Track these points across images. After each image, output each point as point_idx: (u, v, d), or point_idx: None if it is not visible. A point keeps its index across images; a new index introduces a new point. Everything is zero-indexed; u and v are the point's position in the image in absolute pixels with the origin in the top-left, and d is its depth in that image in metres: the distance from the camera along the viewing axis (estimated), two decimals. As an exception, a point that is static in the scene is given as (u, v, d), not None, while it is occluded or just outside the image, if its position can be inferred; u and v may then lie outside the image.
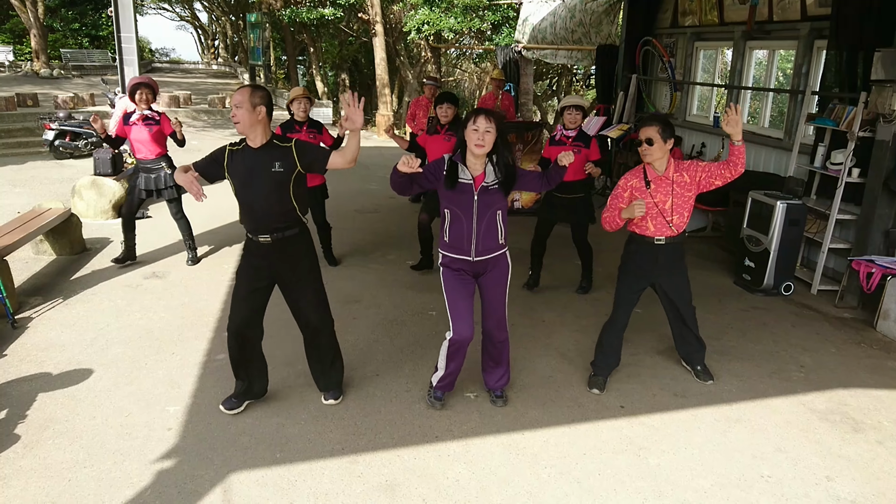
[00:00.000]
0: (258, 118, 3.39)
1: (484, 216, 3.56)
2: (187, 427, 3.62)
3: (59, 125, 11.19)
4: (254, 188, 3.46)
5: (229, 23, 37.25)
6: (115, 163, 8.33)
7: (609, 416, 3.88)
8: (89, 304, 5.27)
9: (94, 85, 19.23)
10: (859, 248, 5.72)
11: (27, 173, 10.19)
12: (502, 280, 3.73)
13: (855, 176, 5.80)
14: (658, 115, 3.96)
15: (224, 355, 4.47)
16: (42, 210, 6.26)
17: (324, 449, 3.47)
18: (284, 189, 3.46)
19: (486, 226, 3.58)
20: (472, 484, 3.24)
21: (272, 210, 3.47)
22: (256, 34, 22.13)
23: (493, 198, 3.56)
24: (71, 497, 3.04)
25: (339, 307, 5.34)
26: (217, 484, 3.17)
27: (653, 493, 3.23)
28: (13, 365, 4.24)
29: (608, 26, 11.59)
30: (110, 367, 4.25)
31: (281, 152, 3.43)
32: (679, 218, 3.94)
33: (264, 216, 3.48)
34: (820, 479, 3.38)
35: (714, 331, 5.14)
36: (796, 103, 7.04)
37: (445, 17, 14.96)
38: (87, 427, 3.59)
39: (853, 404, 4.13)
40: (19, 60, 24.59)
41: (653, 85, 10.07)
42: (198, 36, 48.70)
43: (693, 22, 8.82)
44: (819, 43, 6.85)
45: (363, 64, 25.47)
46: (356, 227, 7.81)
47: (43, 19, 23.40)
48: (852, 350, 4.95)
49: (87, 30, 28.42)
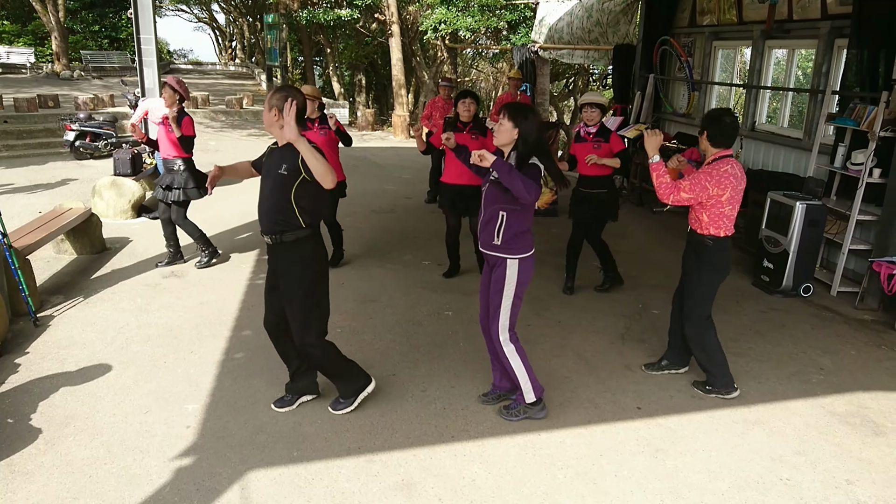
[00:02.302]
0: (273, 119, 3.42)
1: (487, 208, 3.60)
2: (206, 425, 3.66)
3: (80, 126, 11.32)
4: (262, 187, 3.56)
5: (246, 24, 37.53)
6: (135, 163, 8.43)
7: (625, 418, 3.87)
8: (109, 302, 5.34)
9: (114, 86, 19.46)
10: (880, 250, 5.65)
11: (48, 173, 10.33)
12: (497, 285, 3.61)
13: (876, 176, 5.73)
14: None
15: (242, 354, 4.52)
16: (63, 210, 6.35)
17: (340, 448, 3.49)
18: (285, 192, 3.43)
19: (486, 219, 3.60)
20: (488, 484, 3.24)
21: (271, 211, 3.49)
22: (273, 35, 22.25)
23: (497, 193, 3.54)
24: (92, 493, 3.08)
25: (355, 307, 5.38)
26: (235, 481, 3.20)
27: (670, 494, 3.21)
28: (35, 362, 4.30)
29: (625, 26, 11.53)
30: (130, 365, 4.30)
31: (292, 155, 3.39)
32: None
33: (264, 216, 3.54)
34: (840, 482, 3.35)
35: (732, 332, 5.10)
36: (816, 103, 6.97)
37: (462, 16, 14.96)
38: (108, 424, 3.63)
39: (874, 407, 4.08)
40: (40, 62, 24.92)
41: (670, 85, 10.01)
42: (215, 37, 49.12)
43: (711, 21, 8.76)
44: (840, 42, 6.77)
45: (379, 65, 25.54)
46: (373, 226, 7.84)
47: (64, 21, 23.71)
48: (873, 352, 4.89)
49: (106, 32, 28.75)
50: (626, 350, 4.78)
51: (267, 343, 4.66)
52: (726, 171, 3.82)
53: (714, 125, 3.85)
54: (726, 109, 4.04)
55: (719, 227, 3.91)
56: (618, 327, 5.16)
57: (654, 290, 6.00)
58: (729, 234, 3.95)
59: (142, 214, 7.96)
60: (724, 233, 3.93)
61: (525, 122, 3.50)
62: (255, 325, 4.97)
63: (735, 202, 3.88)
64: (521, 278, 3.62)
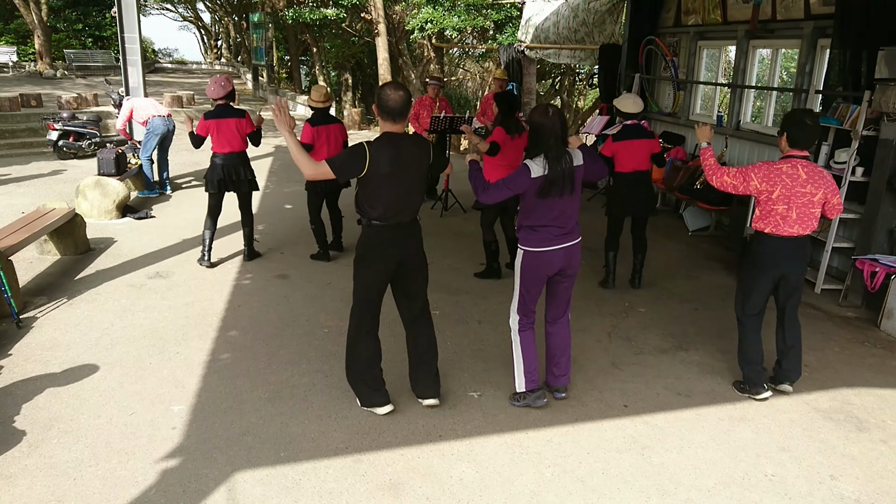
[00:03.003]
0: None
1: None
2: (192, 426, 3.63)
3: (63, 125, 11.20)
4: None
5: (232, 23, 37.33)
6: (119, 163, 8.35)
7: (612, 416, 3.88)
8: (94, 303, 5.29)
9: (98, 85, 19.29)
10: (863, 247, 5.71)
11: (31, 173, 10.21)
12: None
13: (859, 175, 5.79)
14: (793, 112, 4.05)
15: (228, 354, 4.49)
16: (46, 210, 6.28)
17: (328, 448, 3.48)
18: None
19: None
20: (476, 483, 3.25)
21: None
22: (259, 34, 22.18)
23: None
24: (76, 496, 3.06)
25: (343, 306, 5.35)
26: (222, 483, 3.18)
27: (656, 491, 3.23)
28: (18, 364, 4.25)
29: (611, 25, 11.57)
30: (115, 367, 4.27)
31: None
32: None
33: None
34: (824, 477, 3.38)
35: (718, 330, 5.14)
36: (800, 102, 7.02)
37: (448, 15, 14.96)
38: (92, 426, 3.60)
39: (857, 403, 4.13)
40: (23, 61, 24.68)
41: (656, 84, 10.06)
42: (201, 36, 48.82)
43: (696, 21, 8.81)
44: (823, 41, 6.83)
45: (366, 64, 25.48)
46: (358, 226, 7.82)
47: (47, 20, 23.47)
48: (856, 349, 4.94)
49: (90, 30, 28.52)
50: (613, 348, 4.80)
51: (253, 344, 4.66)
52: (780, 169, 3.83)
53: (795, 127, 3.85)
54: (807, 110, 4.07)
55: (767, 223, 3.92)
56: (604, 325, 5.18)
57: (639, 288, 6.03)
58: (776, 232, 3.90)
59: (126, 215, 7.90)
60: (769, 230, 3.91)
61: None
62: (242, 326, 4.95)
63: (791, 203, 3.83)
64: (524, 270, 3.78)
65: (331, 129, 6.23)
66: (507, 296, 5.61)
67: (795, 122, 3.86)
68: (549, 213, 3.65)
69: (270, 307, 5.32)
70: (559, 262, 3.74)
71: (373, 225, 3.58)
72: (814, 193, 3.83)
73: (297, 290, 5.70)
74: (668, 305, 5.64)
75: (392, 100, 3.41)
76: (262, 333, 4.82)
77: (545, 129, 3.57)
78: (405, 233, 3.63)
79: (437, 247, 6.92)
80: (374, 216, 3.55)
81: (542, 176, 3.56)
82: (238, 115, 6.08)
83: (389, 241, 3.59)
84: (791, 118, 3.91)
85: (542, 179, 3.56)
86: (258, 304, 5.36)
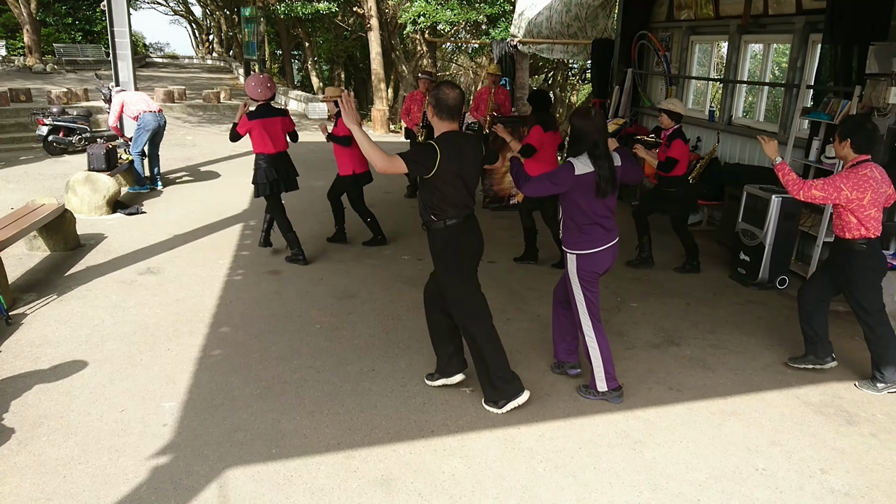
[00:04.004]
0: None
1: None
2: (182, 423, 3.62)
3: (53, 120, 11.12)
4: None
5: (224, 17, 37.14)
6: (110, 158, 8.30)
7: (604, 411, 3.89)
8: (84, 300, 5.26)
9: (88, 80, 19.15)
10: (854, 242, 5.73)
11: (20, 169, 10.15)
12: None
13: (850, 170, 5.80)
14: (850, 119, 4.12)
15: (220, 351, 4.48)
16: (35, 206, 6.23)
17: (319, 444, 3.47)
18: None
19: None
20: (468, 478, 3.25)
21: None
22: (251, 29, 22.06)
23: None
24: (66, 493, 3.04)
25: (334, 302, 5.36)
26: (213, 479, 3.17)
27: (648, 486, 3.24)
28: (7, 361, 4.23)
29: (604, 20, 11.57)
30: (105, 363, 4.24)
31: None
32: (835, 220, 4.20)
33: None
34: (814, 471, 3.40)
35: (709, 325, 5.16)
36: (791, 97, 7.04)
37: (441, 9, 14.92)
38: (82, 423, 3.58)
39: (847, 397, 4.15)
40: (12, 55, 24.48)
41: (648, 79, 10.06)
42: (192, 30, 48.57)
43: (689, 16, 8.81)
44: (814, 37, 6.85)
45: (358, 58, 25.42)
46: (352, 221, 7.80)
47: (36, 14, 23.29)
48: (846, 343, 4.97)
49: (80, 24, 28.30)
50: (605, 343, 4.80)
51: (245, 340, 4.65)
52: (865, 175, 3.93)
53: (859, 133, 3.95)
54: (866, 116, 4.14)
55: (869, 228, 3.99)
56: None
57: (632, 283, 6.04)
58: (877, 234, 4.02)
59: (117, 210, 7.85)
60: (874, 234, 4.01)
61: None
62: (233, 322, 4.94)
63: (878, 204, 3.97)
64: (581, 275, 3.82)
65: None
66: (499, 291, 5.63)
67: (859, 128, 3.97)
68: (597, 212, 3.73)
69: (262, 303, 5.30)
70: (609, 260, 3.85)
71: (450, 225, 3.61)
72: (888, 192, 4.03)
73: (289, 287, 5.69)
74: (660, 300, 5.65)
75: (451, 98, 3.51)
76: (253, 330, 4.81)
77: (589, 129, 3.67)
78: (474, 223, 3.73)
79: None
80: (450, 215, 3.60)
81: (590, 173, 3.65)
82: (282, 114, 6.14)
83: (468, 233, 3.69)
84: (854, 125, 4.01)
85: (591, 177, 3.65)
86: (250, 301, 5.34)
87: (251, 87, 5.96)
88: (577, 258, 3.80)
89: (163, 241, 6.82)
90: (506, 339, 4.61)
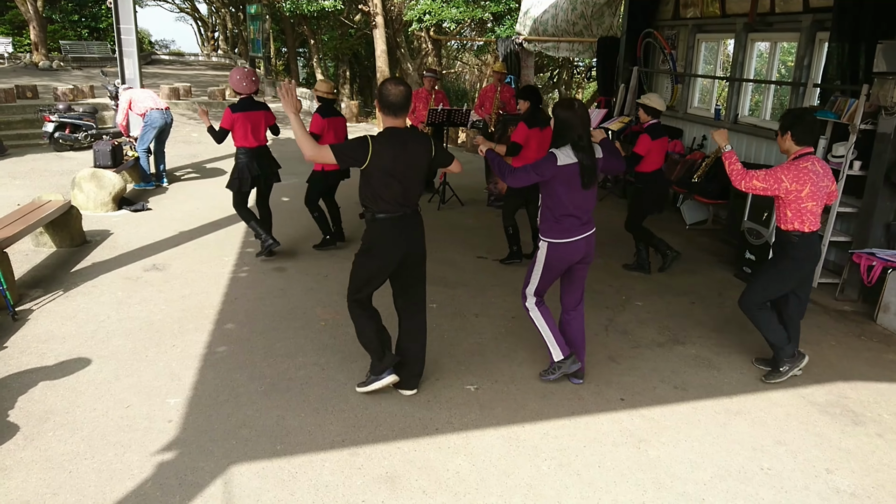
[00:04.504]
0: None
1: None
2: (188, 419, 3.63)
3: (59, 117, 11.15)
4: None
5: (229, 14, 37.13)
6: (116, 155, 8.31)
7: (609, 409, 3.89)
8: (90, 296, 5.27)
9: (94, 77, 19.18)
10: (860, 241, 5.71)
11: (27, 165, 10.17)
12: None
13: (856, 169, 5.79)
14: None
15: (225, 347, 4.48)
16: (42, 202, 6.25)
17: (324, 441, 3.48)
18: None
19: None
20: (473, 476, 3.25)
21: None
22: (256, 26, 22.05)
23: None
24: (72, 489, 3.05)
25: (340, 299, 5.35)
26: (218, 476, 3.18)
27: (653, 485, 3.23)
28: (14, 357, 4.24)
29: (609, 18, 11.54)
30: (111, 359, 4.26)
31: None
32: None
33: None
34: (820, 471, 3.39)
35: (715, 323, 5.15)
36: (798, 96, 7.01)
37: (447, 7, 14.90)
38: (88, 419, 3.59)
39: (853, 397, 4.14)
40: (19, 52, 24.51)
41: (654, 77, 10.03)
42: (197, 28, 48.55)
43: (695, 14, 8.78)
44: (821, 35, 6.82)
45: (363, 56, 25.40)
46: (356, 219, 7.80)
47: (42, 11, 23.32)
48: (852, 343, 4.95)
49: (86, 21, 28.32)
50: (610, 342, 4.80)
51: (250, 336, 4.65)
52: (806, 168, 3.92)
53: (799, 125, 3.95)
54: (807, 109, 4.14)
55: (803, 222, 3.98)
56: (601, 319, 5.18)
57: (636, 281, 6.03)
58: (814, 229, 4.00)
59: (123, 207, 7.87)
60: (808, 228, 3.99)
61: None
62: (238, 319, 4.95)
63: (817, 198, 3.95)
64: (547, 261, 3.91)
65: (338, 122, 6.34)
66: (504, 289, 5.63)
67: (799, 120, 3.96)
68: (573, 203, 3.78)
69: (267, 300, 5.31)
70: (581, 251, 3.90)
71: (377, 219, 3.60)
72: (829, 186, 4.00)
73: (294, 283, 5.69)
74: (665, 299, 5.64)
75: (393, 94, 3.46)
76: (258, 326, 4.81)
77: (573, 121, 3.72)
78: (409, 224, 3.67)
79: (434, 240, 6.88)
80: (379, 209, 3.58)
81: (573, 164, 3.71)
82: (264, 107, 6.12)
83: (396, 233, 3.63)
84: (794, 116, 4.00)
85: (573, 168, 3.71)
86: (255, 297, 5.35)
87: (235, 81, 5.94)
88: (548, 246, 3.88)
89: (168, 237, 6.83)
90: (510, 338, 4.62)
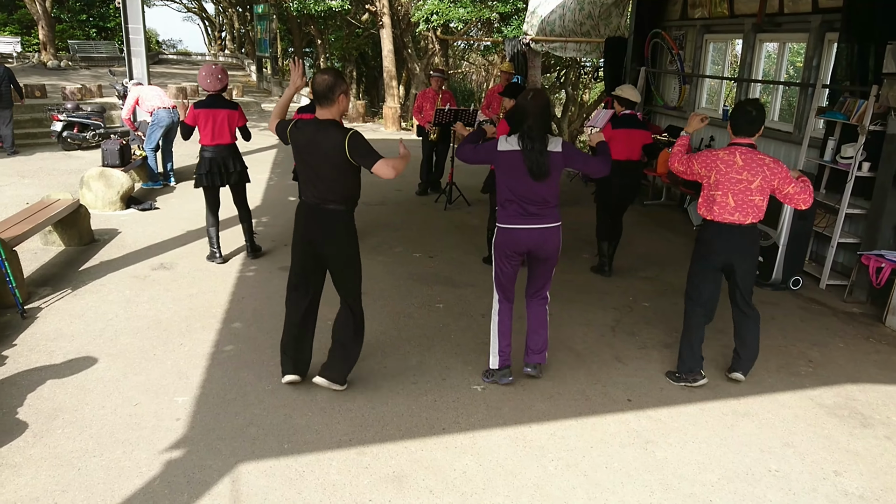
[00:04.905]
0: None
1: None
2: (195, 417, 3.64)
3: (68, 116, 11.20)
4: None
5: (236, 14, 37.24)
6: (124, 154, 8.35)
7: (616, 410, 3.88)
8: (98, 294, 5.30)
9: (102, 76, 19.27)
10: (869, 243, 5.69)
11: (35, 164, 10.23)
12: None
13: (865, 170, 5.76)
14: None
15: (232, 346, 4.49)
16: (50, 201, 6.29)
17: (331, 440, 3.48)
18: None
19: None
20: (479, 476, 3.25)
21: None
22: (263, 26, 22.13)
23: None
24: (81, 486, 3.06)
25: (346, 299, 5.36)
26: (225, 474, 3.19)
27: (660, 486, 3.23)
28: (23, 355, 4.26)
29: (617, 18, 11.52)
30: (119, 358, 4.28)
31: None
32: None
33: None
34: (828, 473, 3.37)
35: (722, 324, 5.12)
36: (806, 96, 6.99)
37: (454, 7, 14.89)
38: (96, 416, 3.61)
39: (862, 399, 4.12)
40: (27, 52, 24.62)
41: (661, 78, 10.02)
42: (205, 27, 48.74)
43: (703, 14, 8.76)
44: (830, 35, 6.79)
45: (370, 56, 25.43)
46: (363, 219, 7.80)
47: (50, 10, 23.41)
48: (861, 345, 4.93)
49: (94, 21, 28.42)
50: (617, 342, 4.79)
51: (257, 335, 4.67)
52: (716, 156, 3.92)
53: (734, 114, 3.95)
54: (753, 100, 4.10)
55: (710, 209, 3.98)
56: (608, 320, 5.18)
57: (644, 282, 6.02)
58: (716, 219, 3.94)
59: (131, 206, 7.90)
60: (709, 216, 3.99)
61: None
62: (245, 318, 4.96)
63: (724, 188, 3.88)
64: (495, 245, 3.97)
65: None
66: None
67: (737, 111, 3.95)
68: (513, 191, 3.81)
69: (274, 299, 5.32)
70: (526, 243, 3.87)
71: (299, 200, 3.84)
72: (750, 181, 3.85)
73: (301, 283, 5.69)
74: (672, 300, 5.63)
75: (316, 83, 3.62)
76: (265, 325, 4.82)
77: (525, 110, 3.76)
78: (315, 216, 3.75)
79: (440, 240, 6.92)
80: (300, 193, 3.86)
81: (514, 151, 3.73)
82: (231, 106, 5.99)
83: (300, 217, 3.81)
84: (735, 107, 4.01)
85: (514, 155, 3.73)
86: (262, 296, 5.36)
87: (201, 77, 5.87)
88: (497, 230, 3.94)
89: (176, 236, 6.85)
90: (517, 339, 4.60)
